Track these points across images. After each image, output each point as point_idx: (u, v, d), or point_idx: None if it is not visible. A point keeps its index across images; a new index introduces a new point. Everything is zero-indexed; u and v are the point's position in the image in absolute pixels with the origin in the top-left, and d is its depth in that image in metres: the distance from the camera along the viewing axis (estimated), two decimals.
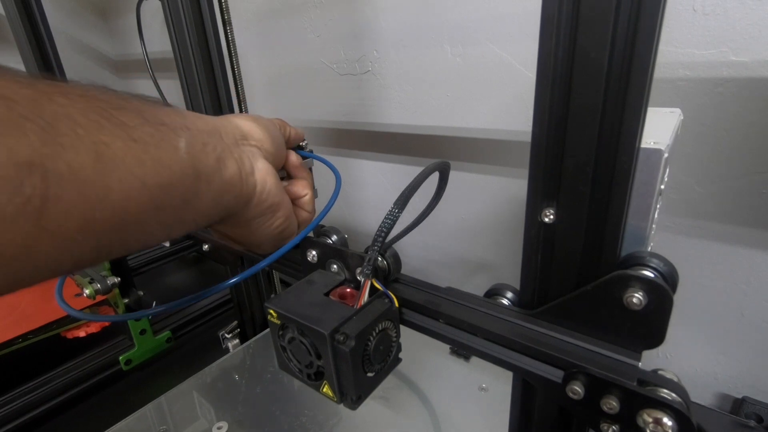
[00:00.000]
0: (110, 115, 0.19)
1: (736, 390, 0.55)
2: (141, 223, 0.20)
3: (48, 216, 0.15)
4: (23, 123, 0.15)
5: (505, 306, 0.30)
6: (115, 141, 0.18)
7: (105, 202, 0.17)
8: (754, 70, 0.44)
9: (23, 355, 0.61)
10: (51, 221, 0.16)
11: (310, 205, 0.36)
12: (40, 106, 0.16)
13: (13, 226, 0.14)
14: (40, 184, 0.15)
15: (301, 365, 0.30)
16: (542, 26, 0.22)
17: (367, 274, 0.29)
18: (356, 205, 0.87)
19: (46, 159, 0.15)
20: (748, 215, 0.48)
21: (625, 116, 0.21)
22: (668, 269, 0.24)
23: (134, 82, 1.32)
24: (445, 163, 0.34)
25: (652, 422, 0.21)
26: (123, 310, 0.63)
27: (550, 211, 0.25)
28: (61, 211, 0.16)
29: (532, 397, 0.28)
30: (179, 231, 0.24)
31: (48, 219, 0.15)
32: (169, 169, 0.21)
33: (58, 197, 0.15)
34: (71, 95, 0.17)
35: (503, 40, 0.58)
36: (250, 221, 0.30)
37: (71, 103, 0.17)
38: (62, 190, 0.16)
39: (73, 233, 0.17)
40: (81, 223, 0.17)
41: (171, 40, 0.51)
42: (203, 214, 0.25)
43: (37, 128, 0.15)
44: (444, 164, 0.33)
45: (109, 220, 0.18)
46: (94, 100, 0.18)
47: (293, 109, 0.91)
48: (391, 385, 0.54)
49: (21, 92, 0.15)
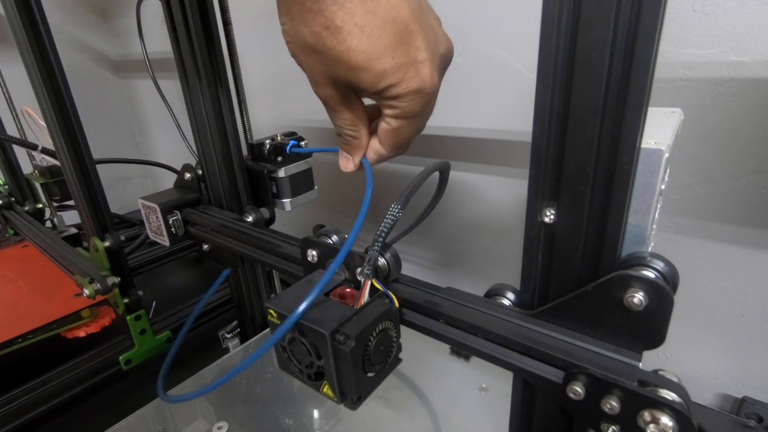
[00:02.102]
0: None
1: (736, 390, 0.55)
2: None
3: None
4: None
5: (505, 306, 0.30)
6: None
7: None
8: (754, 70, 0.44)
9: (23, 355, 0.61)
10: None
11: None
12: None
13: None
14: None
15: (302, 365, 0.30)
16: (543, 26, 0.22)
17: (368, 275, 0.29)
18: (356, 206, 0.87)
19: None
20: (748, 215, 0.48)
21: (625, 116, 0.21)
22: (669, 269, 0.24)
23: (134, 82, 1.32)
24: (445, 164, 0.34)
25: (652, 423, 0.21)
26: (123, 310, 0.63)
27: (550, 211, 0.25)
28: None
29: (533, 398, 0.28)
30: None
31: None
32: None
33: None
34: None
35: (503, 40, 0.58)
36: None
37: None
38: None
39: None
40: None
41: (171, 40, 0.51)
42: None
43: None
44: (444, 164, 0.34)
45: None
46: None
47: (293, 109, 0.91)
48: (392, 385, 0.54)
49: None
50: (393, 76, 0.26)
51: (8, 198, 0.87)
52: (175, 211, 0.55)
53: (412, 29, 0.26)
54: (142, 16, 0.87)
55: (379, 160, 0.33)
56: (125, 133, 1.40)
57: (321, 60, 0.27)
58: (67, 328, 0.66)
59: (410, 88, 0.27)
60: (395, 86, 0.27)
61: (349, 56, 0.26)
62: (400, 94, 0.27)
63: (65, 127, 0.56)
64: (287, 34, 0.27)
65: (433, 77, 0.27)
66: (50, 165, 0.80)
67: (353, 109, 0.31)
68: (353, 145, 0.32)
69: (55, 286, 0.70)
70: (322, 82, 0.29)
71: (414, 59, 0.26)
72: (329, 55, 0.26)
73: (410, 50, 0.26)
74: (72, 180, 0.59)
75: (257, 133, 0.60)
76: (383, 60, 0.26)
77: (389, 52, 0.26)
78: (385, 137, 0.31)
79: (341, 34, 0.25)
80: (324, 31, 0.25)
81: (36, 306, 0.66)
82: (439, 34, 0.29)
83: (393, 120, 0.29)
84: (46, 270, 0.74)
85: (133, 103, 1.37)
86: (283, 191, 0.56)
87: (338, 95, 0.30)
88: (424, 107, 0.29)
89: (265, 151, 0.54)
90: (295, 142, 0.56)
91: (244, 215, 0.56)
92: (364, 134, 0.32)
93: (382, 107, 0.29)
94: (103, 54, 1.30)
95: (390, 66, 0.26)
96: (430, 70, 0.27)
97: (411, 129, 0.30)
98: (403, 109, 0.28)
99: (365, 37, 0.25)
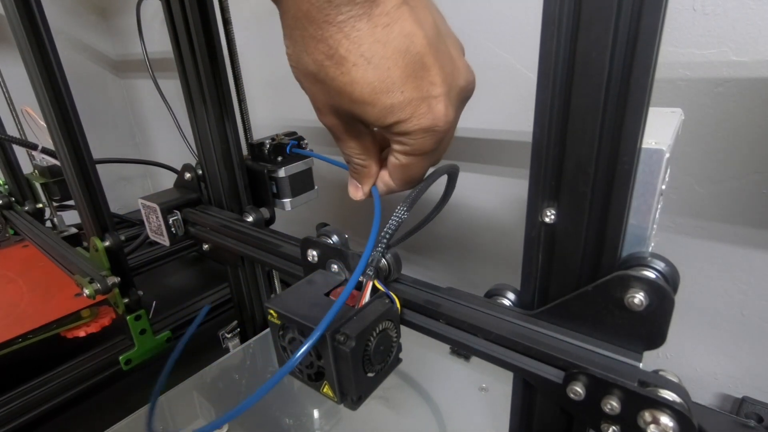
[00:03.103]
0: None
1: (736, 390, 0.55)
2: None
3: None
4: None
5: (505, 306, 0.30)
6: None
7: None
8: (754, 70, 0.44)
9: (23, 355, 0.61)
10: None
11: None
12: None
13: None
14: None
15: (302, 365, 0.30)
16: (543, 26, 0.22)
17: (370, 275, 0.29)
18: (356, 206, 0.86)
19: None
20: (748, 215, 0.48)
21: (626, 116, 0.21)
22: (669, 270, 0.24)
23: (134, 82, 1.32)
24: (454, 167, 0.33)
25: (652, 423, 0.21)
26: (123, 310, 0.63)
27: (550, 211, 0.25)
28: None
29: (533, 398, 0.28)
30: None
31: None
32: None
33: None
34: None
35: (503, 40, 0.58)
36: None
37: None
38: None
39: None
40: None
41: (171, 40, 0.51)
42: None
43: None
44: (453, 167, 0.33)
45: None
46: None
47: (293, 109, 0.91)
48: (392, 385, 0.54)
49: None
50: (402, 112, 0.24)
51: (8, 198, 0.87)
52: (175, 211, 0.55)
53: (427, 61, 0.24)
54: (142, 16, 0.87)
55: (389, 193, 0.31)
56: (125, 133, 1.40)
57: (323, 89, 0.25)
58: (67, 328, 0.66)
59: (421, 125, 0.25)
60: (404, 122, 0.25)
61: (353, 89, 0.24)
62: (410, 131, 0.25)
63: (65, 127, 0.56)
64: (290, 58, 0.26)
65: (448, 114, 0.25)
66: (50, 165, 0.80)
67: (361, 138, 0.29)
68: (362, 174, 0.31)
69: (55, 286, 0.70)
70: (326, 112, 0.27)
71: (427, 94, 0.24)
72: (332, 86, 0.24)
73: (423, 84, 0.24)
74: (72, 180, 0.59)
75: (257, 133, 0.60)
76: (391, 94, 0.24)
77: (398, 86, 0.23)
78: (395, 172, 0.29)
79: (345, 65, 0.23)
80: (327, 60, 0.23)
81: (36, 306, 0.66)
82: (458, 64, 0.26)
83: (402, 156, 0.27)
84: (46, 270, 0.74)
85: (133, 103, 1.37)
86: (283, 191, 0.56)
87: (343, 125, 0.28)
88: (436, 145, 0.26)
89: (265, 151, 0.54)
90: (296, 142, 0.56)
91: (244, 215, 0.56)
92: (374, 163, 0.30)
93: (391, 141, 0.27)
94: (103, 54, 1.30)
95: (398, 101, 0.24)
96: (445, 106, 0.25)
97: (422, 165, 0.28)
98: (413, 146, 0.26)
99: (372, 68, 0.23)
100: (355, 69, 0.23)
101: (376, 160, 0.30)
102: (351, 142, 0.29)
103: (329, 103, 0.26)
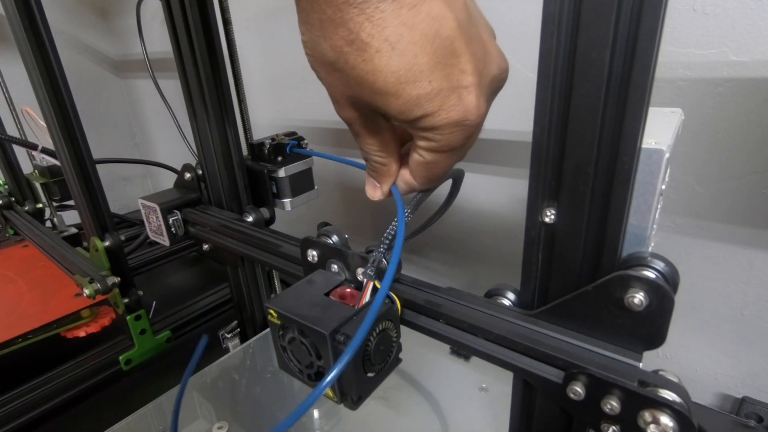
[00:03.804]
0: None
1: (736, 390, 0.55)
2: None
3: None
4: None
5: (505, 306, 0.30)
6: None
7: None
8: (754, 70, 0.44)
9: (23, 355, 0.61)
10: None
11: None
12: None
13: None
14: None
15: (302, 365, 0.30)
16: (543, 26, 0.22)
17: (371, 275, 0.29)
18: (356, 206, 0.87)
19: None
20: (748, 215, 0.48)
21: (626, 116, 0.21)
22: (669, 270, 0.24)
23: (134, 82, 1.32)
24: (459, 171, 0.33)
25: (652, 423, 0.21)
26: (123, 310, 0.63)
27: (550, 211, 0.25)
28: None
29: (533, 398, 0.28)
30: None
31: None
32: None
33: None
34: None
35: (503, 40, 0.58)
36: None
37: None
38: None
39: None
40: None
41: (171, 40, 0.51)
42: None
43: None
44: (458, 172, 0.33)
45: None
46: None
47: (293, 109, 0.91)
48: (391, 385, 0.54)
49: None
50: (429, 105, 0.22)
51: (8, 198, 0.87)
52: (175, 211, 0.55)
53: (458, 47, 0.21)
54: (142, 16, 0.87)
55: (410, 192, 0.29)
56: (125, 133, 1.40)
57: (342, 79, 0.23)
58: (67, 328, 0.66)
59: (450, 119, 0.22)
60: (431, 116, 0.22)
61: (376, 78, 0.21)
62: (437, 125, 0.23)
63: (65, 127, 0.56)
64: (306, 46, 0.23)
65: (480, 106, 0.23)
66: (50, 165, 0.80)
67: (381, 133, 0.27)
68: (381, 172, 0.28)
69: (55, 286, 0.70)
70: (344, 103, 0.25)
71: (457, 84, 0.22)
72: (352, 75, 0.22)
73: (453, 73, 0.21)
74: (72, 180, 0.59)
75: (257, 133, 0.60)
76: (418, 84, 0.21)
77: (426, 74, 0.21)
78: (417, 170, 0.27)
79: (368, 51, 0.21)
80: (347, 47, 0.21)
81: (36, 306, 0.66)
82: (490, 50, 0.24)
83: (427, 153, 0.25)
84: (46, 270, 0.74)
85: (133, 103, 1.37)
86: (283, 191, 0.56)
87: (362, 119, 0.26)
88: (465, 140, 0.24)
89: (265, 150, 0.54)
90: (296, 142, 0.56)
91: (244, 215, 0.56)
92: (394, 161, 0.28)
93: (414, 137, 0.25)
94: (103, 54, 1.30)
95: (426, 92, 0.21)
96: (476, 96, 0.22)
97: (448, 162, 0.26)
98: (439, 142, 0.24)
99: (397, 55, 0.21)
100: (379, 56, 0.21)
101: (396, 158, 0.28)
102: (370, 138, 0.27)
103: (348, 94, 0.24)
